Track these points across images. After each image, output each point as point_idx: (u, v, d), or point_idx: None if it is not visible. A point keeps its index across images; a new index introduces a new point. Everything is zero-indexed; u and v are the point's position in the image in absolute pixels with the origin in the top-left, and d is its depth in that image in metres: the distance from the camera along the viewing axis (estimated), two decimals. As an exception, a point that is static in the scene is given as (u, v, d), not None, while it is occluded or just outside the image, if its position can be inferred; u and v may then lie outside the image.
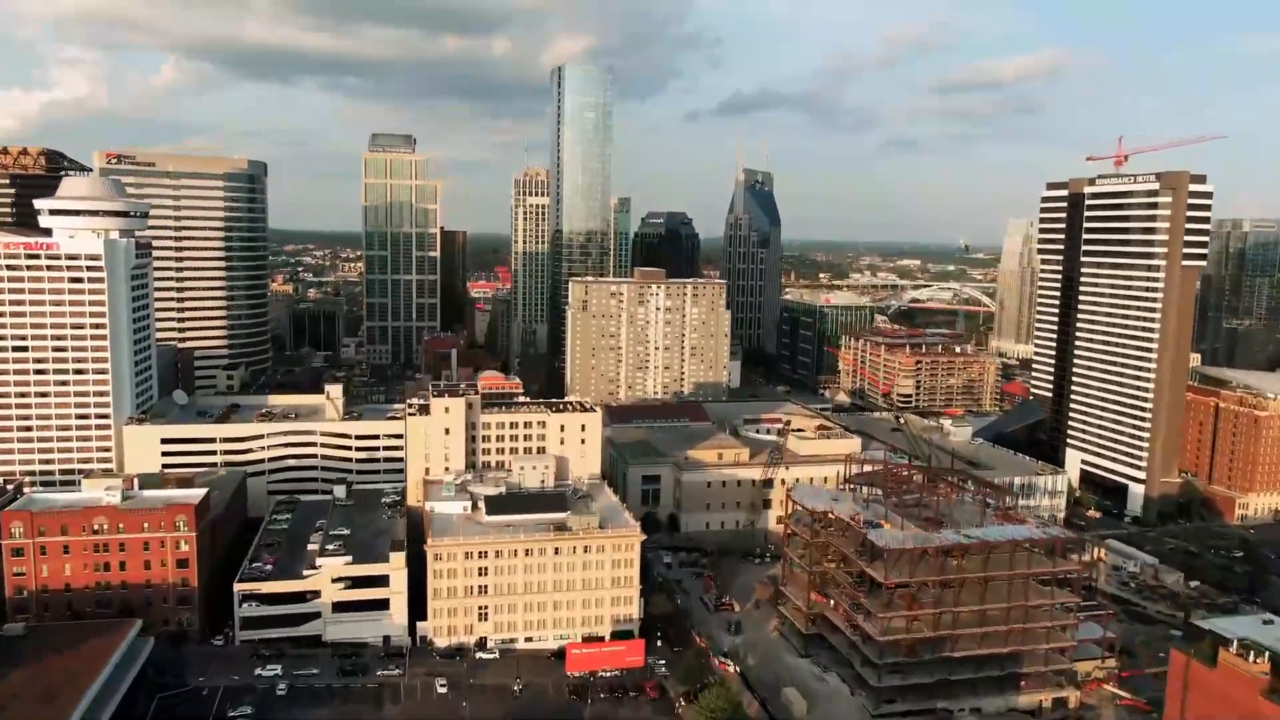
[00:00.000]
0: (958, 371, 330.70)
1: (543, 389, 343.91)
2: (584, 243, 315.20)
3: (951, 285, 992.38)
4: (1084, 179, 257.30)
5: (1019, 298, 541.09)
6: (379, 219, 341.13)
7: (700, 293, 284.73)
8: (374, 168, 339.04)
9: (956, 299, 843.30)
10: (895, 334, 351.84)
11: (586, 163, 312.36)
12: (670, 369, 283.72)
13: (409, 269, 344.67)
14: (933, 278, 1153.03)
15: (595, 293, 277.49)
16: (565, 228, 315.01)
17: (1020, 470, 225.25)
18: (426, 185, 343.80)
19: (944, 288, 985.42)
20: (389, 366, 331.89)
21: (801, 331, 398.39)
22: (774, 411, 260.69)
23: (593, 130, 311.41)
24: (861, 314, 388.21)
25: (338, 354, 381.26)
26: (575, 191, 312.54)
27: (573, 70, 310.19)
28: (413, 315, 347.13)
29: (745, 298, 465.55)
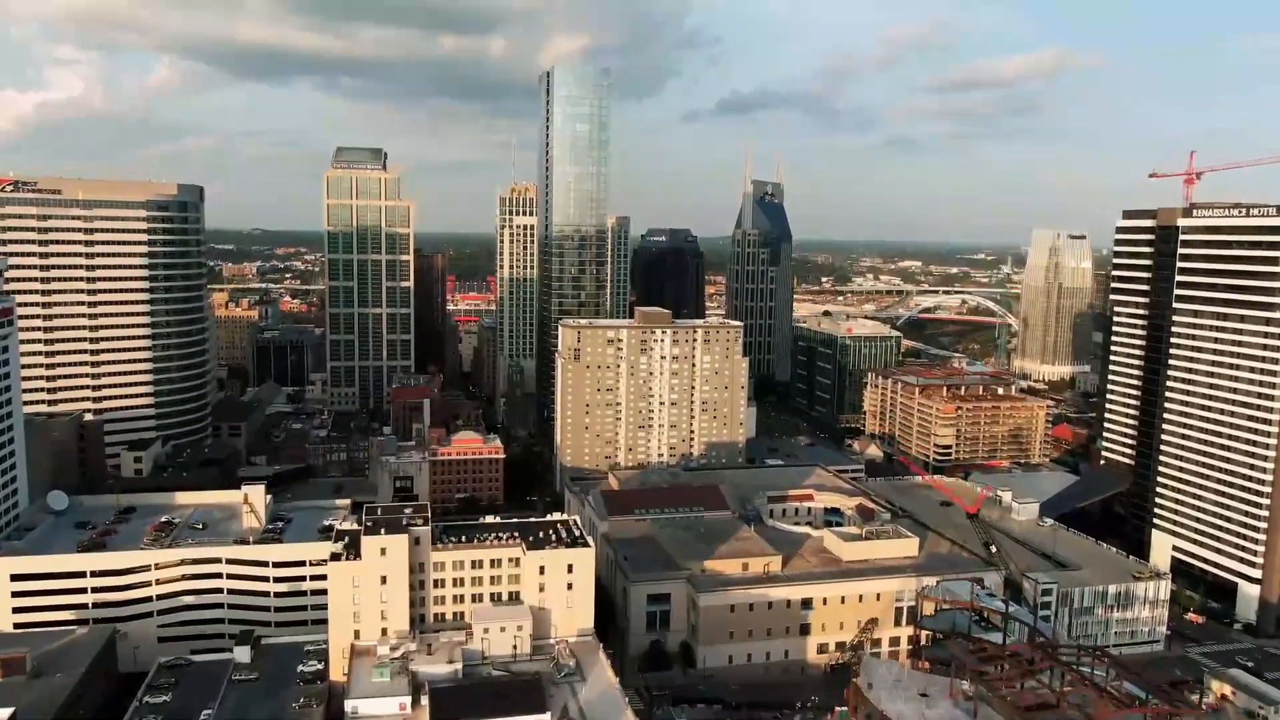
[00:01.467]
0: (1003, 418, 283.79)
1: (531, 438, 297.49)
2: (576, 275, 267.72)
3: (958, 290, 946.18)
4: (1175, 209, 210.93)
5: (1045, 315, 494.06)
6: (343, 245, 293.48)
7: (713, 338, 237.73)
8: (337, 187, 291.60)
9: (965, 307, 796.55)
10: (929, 374, 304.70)
11: (579, 183, 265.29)
12: (678, 427, 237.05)
13: (378, 301, 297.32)
14: (937, 281, 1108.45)
15: (589, 339, 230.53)
16: (554, 261, 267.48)
17: (1109, 569, 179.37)
18: (398, 206, 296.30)
19: (950, 292, 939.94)
20: (354, 415, 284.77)
21: (820, 364, 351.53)
22: (802, 482, 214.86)
23: (585, 145, 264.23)
24: (887, 345, 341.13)
25: (304, 390, 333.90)
26: (566, 219, 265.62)
27: (563, 74, 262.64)
28: (383, 353, 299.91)
29: (754, 320, 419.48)
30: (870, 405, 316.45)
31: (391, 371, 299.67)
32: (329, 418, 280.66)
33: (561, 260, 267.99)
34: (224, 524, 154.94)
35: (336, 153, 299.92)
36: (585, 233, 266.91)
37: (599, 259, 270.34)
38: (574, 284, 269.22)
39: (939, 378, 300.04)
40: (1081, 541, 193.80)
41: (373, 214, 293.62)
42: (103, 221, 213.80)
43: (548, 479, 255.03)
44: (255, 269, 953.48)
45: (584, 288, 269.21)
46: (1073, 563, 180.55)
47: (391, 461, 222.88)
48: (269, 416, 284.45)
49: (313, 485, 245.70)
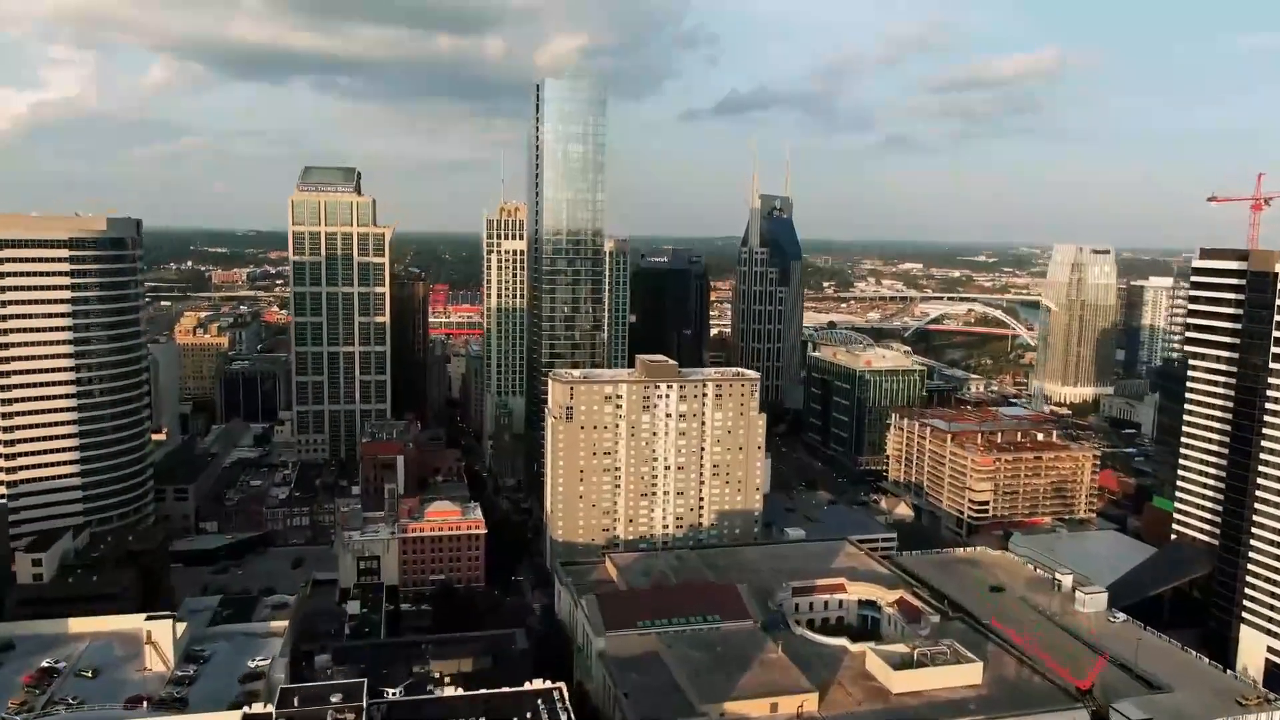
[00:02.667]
0: (1045, 470, 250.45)
1: (519, 489, 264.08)
2: (569, 314, 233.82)
3: (963, 296, 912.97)
4: (1272, 253, 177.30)
5: (1067, 334, 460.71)
6: (310, 277, 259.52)
7: (725, 392, 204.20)
8: (304, 212, 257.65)
9: (973, 316, 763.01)
10: (961, 418, 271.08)
11: (572, 211, 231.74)
12: (686, 495, 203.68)
13: (349, 338, 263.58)
14: (939, 286, 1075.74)
15: (584, 397, 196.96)
16: (545, 298, 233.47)
17: (1206, 689, 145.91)
18: (373, 233, 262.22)
19: (954, 298, 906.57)
20: (322, 467, 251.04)
21: (836, 398, 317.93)
22: (830, 564, 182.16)
23: (579, 168, 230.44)
24: (909, 380, 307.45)
25: (274, 429, 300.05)
26: (558, 249, 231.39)
27: (555, 88, 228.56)
28: (355, 396, 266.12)
29: (761, 343, 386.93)
30: (894, 449, 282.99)
31: (365, 416, 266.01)
32: (293, 471, 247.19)
33: (553, 297, 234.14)
34: (123, 667, 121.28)
35: (304, 173, 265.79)
36: (579, 267, 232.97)
37: (595, 296, 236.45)
38: (566, 323, 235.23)
39: (972, 422, 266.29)
40: (1165, 646, 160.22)
41: (344, 242, 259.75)
42: (14, 264, 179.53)
43: (537, 545, 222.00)
44: (245, 275, 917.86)
45: (578, 327, 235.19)
46: (1162, 682, 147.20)
47: (355, 539, 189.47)
48: (227, 469, 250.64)
49: (270, 557, 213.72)
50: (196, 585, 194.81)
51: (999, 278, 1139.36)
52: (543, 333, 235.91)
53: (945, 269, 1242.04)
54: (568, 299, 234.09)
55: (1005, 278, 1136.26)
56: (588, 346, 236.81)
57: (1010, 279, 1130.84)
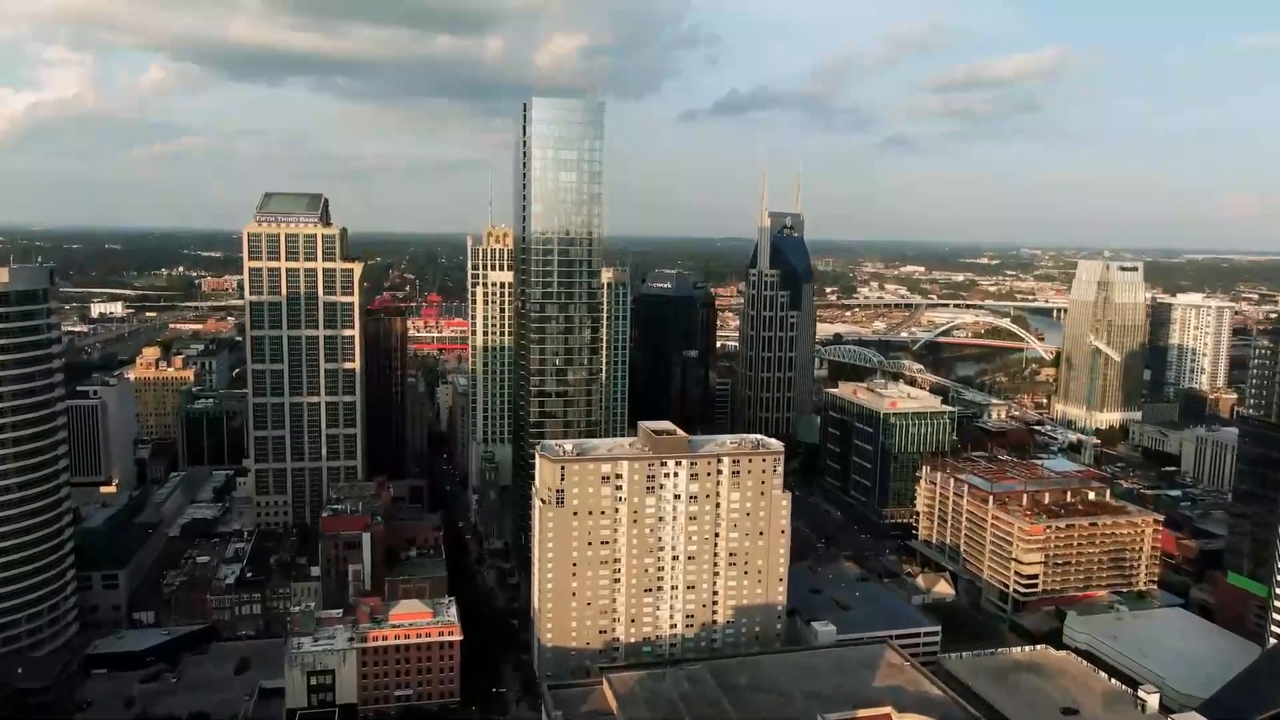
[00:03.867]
0: (1101, 538, 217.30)
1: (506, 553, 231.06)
2: (560, 365, 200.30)
3: (969, 304, 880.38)
4: None
5: (1092, 356, 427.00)
6: (270, 319, 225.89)
7: (744, 468, 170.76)
8: (261, 246, 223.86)
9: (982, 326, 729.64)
10: (1002, 474, 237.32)
11: (564, 247, 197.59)
12: (697, 589, 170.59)
13: (314, 388, 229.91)
14: (943, 290, 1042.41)
15: (577, 477, 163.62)
16: (533, 348, 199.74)
17: None
18: (340, 269, 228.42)
19: (961, 306, 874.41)
20: (282, 537, 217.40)
21: (858, 442, 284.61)
22: (870, 685, 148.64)
23: (573, 200, 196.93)
24: (939, 424, 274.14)
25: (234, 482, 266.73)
26: (549, 295, 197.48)
27: (545, 109, 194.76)
28: (321, 453, 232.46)
29: (771, 372, 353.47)
30: (924, 504, 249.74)
31: (333, 475, 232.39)
32: (248, 543, 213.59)
33: (542, 347, 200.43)
34: None
35: (263, 201, 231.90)
36: (573, 313, 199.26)
37: (591, 344, 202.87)
38: (558, 376, 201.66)
39: (1016, 481, 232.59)
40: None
41: (308, 279, 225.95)
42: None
43: (525, 634, 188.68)
44: (236, 283, 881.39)
45: (571, 382, 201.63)
46: None
47: (306, 651, 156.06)
48: (173, 540, 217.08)
49: (213, 655, 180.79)
50: (119, 699, 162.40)
51: (1003, 282, 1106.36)
52: (530, 387, 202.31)
53: (947, 271, 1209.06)
54: (559, 349, 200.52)
55: (1009, 282, 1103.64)
56: (583, 403, 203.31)
57: (1014, 283, 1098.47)
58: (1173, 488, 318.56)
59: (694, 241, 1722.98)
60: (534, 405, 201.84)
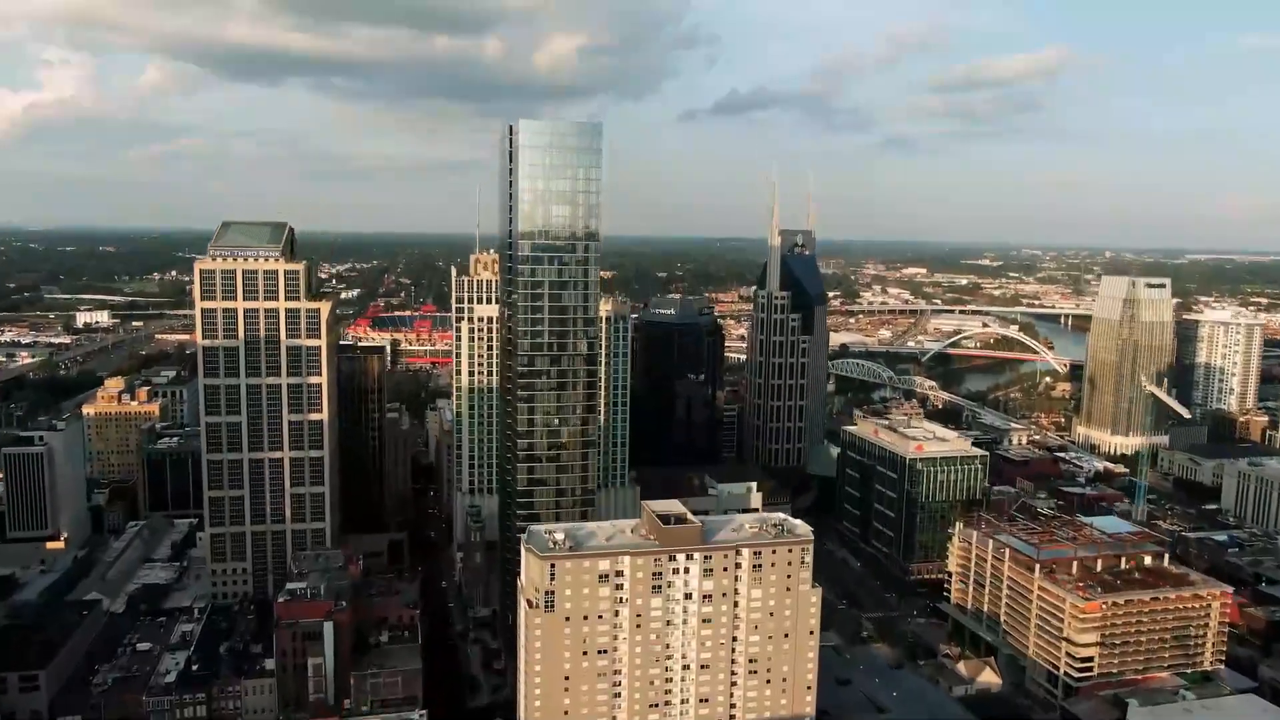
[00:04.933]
0: (1163, 615, 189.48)
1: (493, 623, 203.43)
2: (555, 427, 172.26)
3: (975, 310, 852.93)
4: None
5: (1117, 377, 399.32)
6: (226, 365, 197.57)
7: (769, 559, 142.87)
8: (214, 283, 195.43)
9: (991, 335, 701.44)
10: (1049, 536, 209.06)
11: (555, 291, 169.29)
12: (711, 703, 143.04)
13: (277, 442, 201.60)
14: (946, 293, 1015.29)
15: (570, 577, 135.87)
16: (521, 406, 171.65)
17: None
18: (306, 309, 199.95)
19: (967, 312, 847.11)
20: (238, 616, 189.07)
21: (879, 487, 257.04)
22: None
23: (568, 238, 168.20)
24: (969, 469, 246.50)
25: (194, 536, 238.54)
26: (538, 346, 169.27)
27: (533, 134, 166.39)
28: (285, 514, 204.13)
29: (780, 400, 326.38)
30: (958, 564, 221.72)
31: (299, 539, 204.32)
32: (199, 623, 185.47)
33: (531, 407, 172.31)
34: None
35: (219, 232, 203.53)
36: (566, 367, 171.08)
37: (587, 403, 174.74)
38: (550, 438, 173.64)
39: (1065, 545, 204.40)
40: None
41: (269, 321, 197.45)
42: None
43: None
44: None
45: (565, 446, 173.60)
46: None
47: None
48: (113, 622, 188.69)
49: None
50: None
51: (1006, 285, 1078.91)
52: (518, 450, 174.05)
53: (950, 273, 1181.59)
54: (551, 407, 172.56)
55: (1013, 285, 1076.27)
56: (578, 468, 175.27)
57: (1018, 286, 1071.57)
58: (1216, 528, 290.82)
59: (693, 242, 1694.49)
60: (522, 471, 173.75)
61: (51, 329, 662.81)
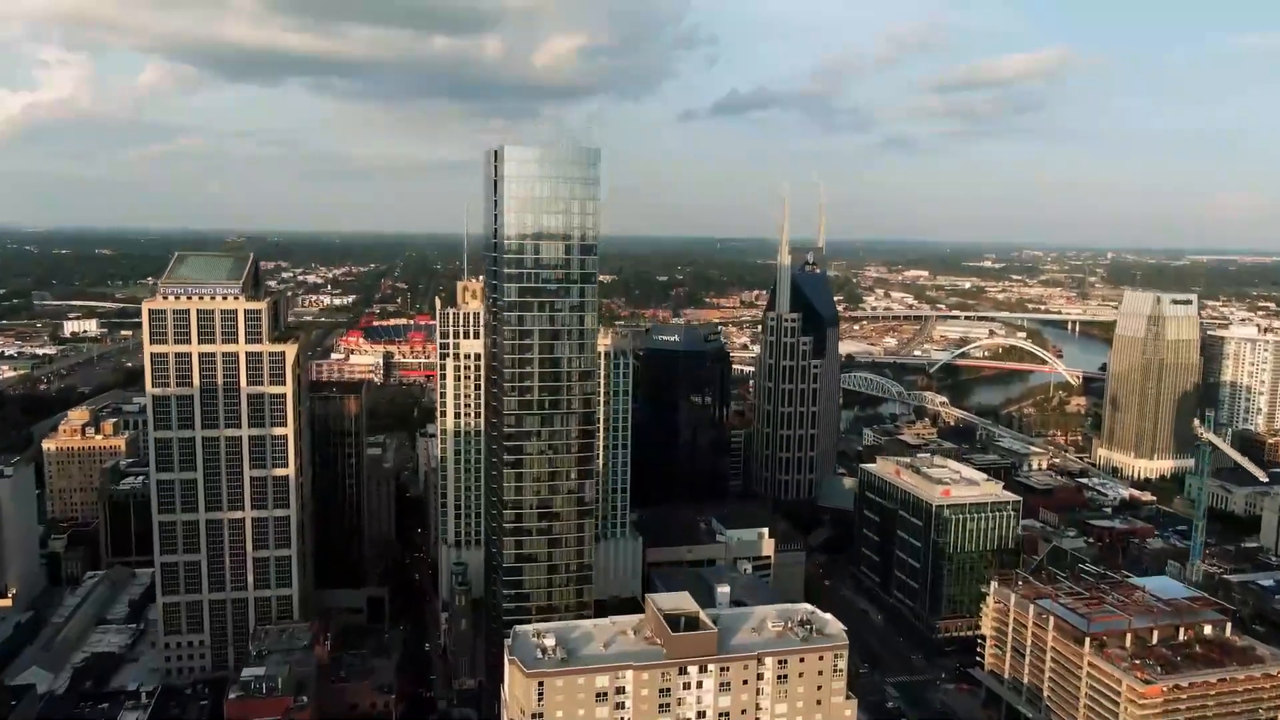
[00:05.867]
0: (1231, 697, 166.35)
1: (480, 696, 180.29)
2: (546, 496, 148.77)
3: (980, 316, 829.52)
4: None
5: (1142, 398, 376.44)
6: (179, 416, 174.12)
7: (796, 669, 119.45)
8: (167, 326, 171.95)
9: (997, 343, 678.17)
10: (1099, 605, 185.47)
11: (550, 341, 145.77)
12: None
13: (238, 500, 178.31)
14: (950, 297, 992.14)
15: (562, 696, 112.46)
16: (507, 481, 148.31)
17: None
18: (269, 352, 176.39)
19: (972, 318, 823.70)
20: (190, 701, 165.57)
21: (902, 534, 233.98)
22: None
23: (562, 279, 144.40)
24: (1002, 517, 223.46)
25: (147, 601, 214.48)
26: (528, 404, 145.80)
27: (518, 163, 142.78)
28: (248, 581, 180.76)
29: (791, 429, 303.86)
30: (992, 628, 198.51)
31: (263, 608, 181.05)
32: (146, 709, 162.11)
33: (519, 470, 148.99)
34: None
35: (173, 264, 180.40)
36: (560, 428, 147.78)
37: (582, 464, 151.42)
38: (540, 506, 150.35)
39: (1117, 614, 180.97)
40: None
41: (227, 366, 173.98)
42: None
43: None
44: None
45: (558, 518, 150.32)
46: None
47: None
48: (50, 708, 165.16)
49: None
50: None
51: (1010, 288, 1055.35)
52: (504, 524, 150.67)
53: (952, 276, 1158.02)
54: (542, 473, 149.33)
55: (1016, 288, 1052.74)
56: (572, 541, 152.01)
57: (1021, 289, 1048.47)
58: (1258, 569, 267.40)
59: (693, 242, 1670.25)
60: (509, 546, 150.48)
61: (38, 339, 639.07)
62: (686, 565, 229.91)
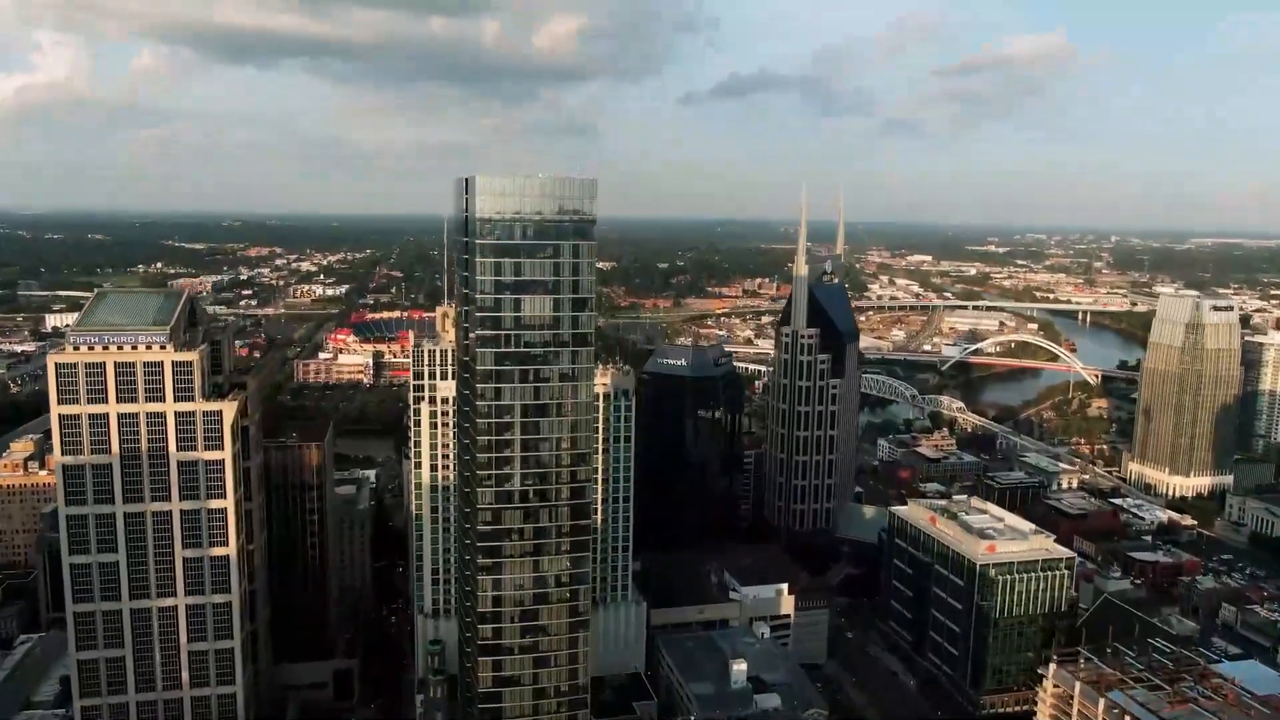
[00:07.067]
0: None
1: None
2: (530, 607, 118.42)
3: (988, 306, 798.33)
4: None
5: (1178, 409, 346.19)
6: (96, 491, 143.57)
7: None
8: (79, 383, 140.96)
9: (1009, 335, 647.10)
10: (1179, 701, 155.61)
11: (534, 438, 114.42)
12: None
13: (168, 586, 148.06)
14: (955, 284, 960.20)
15: None
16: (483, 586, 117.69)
17: None
18: (205, 411, 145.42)
19: (980, 308, 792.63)
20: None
21: (938, 591, 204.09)
22: None
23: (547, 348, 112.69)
24: (1055, 577, 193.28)
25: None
26: (508, 498, 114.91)
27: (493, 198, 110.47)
28: (181, 677, 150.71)
29: (808, 455, 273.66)
30: (1050, 714, 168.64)
31: (201, 709, 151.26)
32: None
33: (498, 578, 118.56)
34: None
35: (90, 307, 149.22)
36: (547, 524, 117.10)
37: (578, 570, 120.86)
38: (523, 621, 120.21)
39: (1203, 715, 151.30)
40: None
41: (153, 429, 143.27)
42: None
43: None
44: (211, 285, 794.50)
45: (546, 632, 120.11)
46: None
47: None
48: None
49: None
50: None
51: (1016, 274, 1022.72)
52: (479, 641, 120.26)
53: (956, 262, 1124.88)
54: (524, 580, 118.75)
55: (1022, 274, 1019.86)
56: (563, 658, 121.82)
57: (1028, 275, 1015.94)
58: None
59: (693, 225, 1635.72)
60: (485, 668, 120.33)
61: (19, 334, 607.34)
62: (697, 627, 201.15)
